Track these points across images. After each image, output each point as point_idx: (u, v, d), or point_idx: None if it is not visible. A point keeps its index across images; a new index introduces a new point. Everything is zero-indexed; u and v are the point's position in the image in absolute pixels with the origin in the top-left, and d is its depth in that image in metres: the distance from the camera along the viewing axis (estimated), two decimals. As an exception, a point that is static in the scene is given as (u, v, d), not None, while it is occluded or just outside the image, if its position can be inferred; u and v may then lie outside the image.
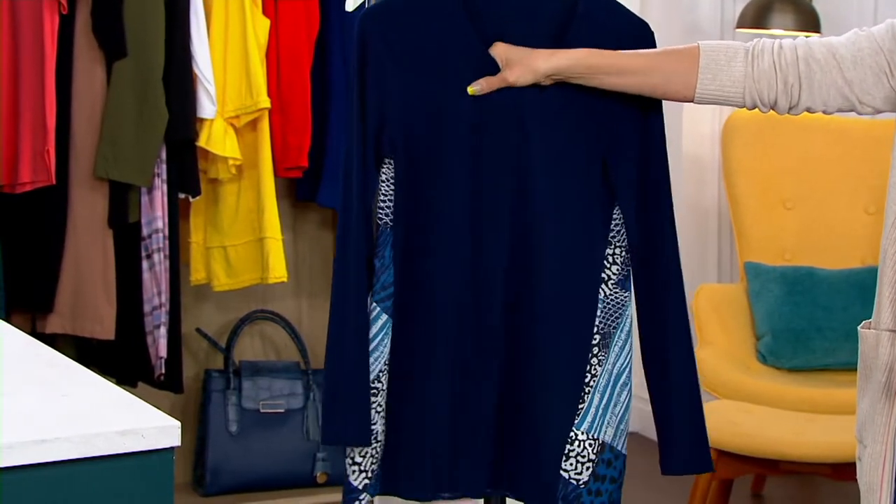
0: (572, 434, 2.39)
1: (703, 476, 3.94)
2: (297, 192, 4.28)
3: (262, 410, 4.21)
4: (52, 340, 3.68)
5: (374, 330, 2.38)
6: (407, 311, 2.38)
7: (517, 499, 2.43)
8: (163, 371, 3.76)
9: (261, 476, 4.20)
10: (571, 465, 2.40)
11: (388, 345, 2.39)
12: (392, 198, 2.36)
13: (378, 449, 2.40)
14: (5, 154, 3.60)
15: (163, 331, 3.74)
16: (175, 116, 3.69)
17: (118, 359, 3.80)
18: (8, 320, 3.61)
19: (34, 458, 1.77)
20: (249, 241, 3.96)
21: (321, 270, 4.47)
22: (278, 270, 3.93)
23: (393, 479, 2.40)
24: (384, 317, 2.38)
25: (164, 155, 3.72)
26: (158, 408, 1.95)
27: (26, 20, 3.61)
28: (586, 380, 2.38)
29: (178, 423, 1.87)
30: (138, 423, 1.86)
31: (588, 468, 2.40)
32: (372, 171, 2.35)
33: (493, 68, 2.34)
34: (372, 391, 2.38)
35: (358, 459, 2.39)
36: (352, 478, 2.40)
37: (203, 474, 4.19)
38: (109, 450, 1.81)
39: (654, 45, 2.40)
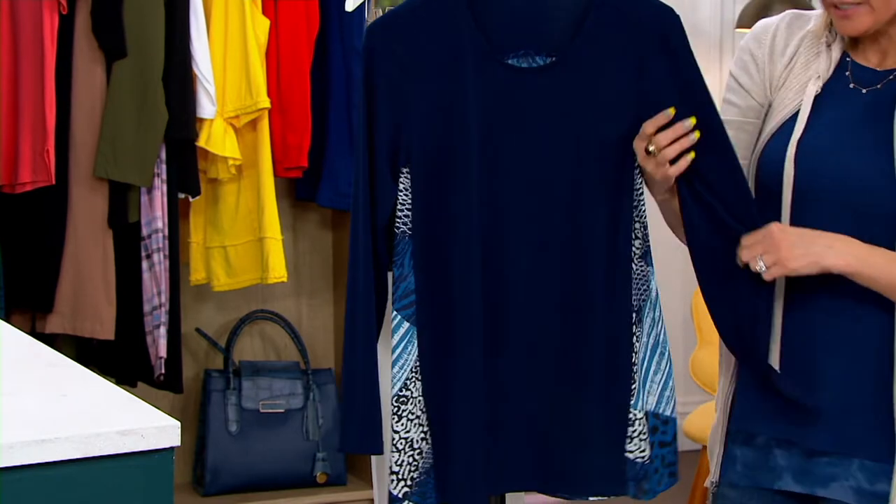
0: (630, 415, 2.39)
1: (702, 476, 3.95)
2: (297, 192, 4.28)
3: (261, 410, 4.21)
4: (52, 340, 3.68)
5: (395, 339, 2.38)
6: (433, 317, 2.37)
7: (575, 493, 2.41)
8: (162, 371, 3.76)
9: (260, 476, 4.20)
10: (636, 445, 2.39)
11: (414, 352, 2.38)
12: (409, 206, 2.37)
13: (416, 456, 2.39)
14: (5, 154, 3.60)
15: (162, 331, 3.74)
16: (175, 116, 3.69)
17: (118, 359, 3.80)
18: (8, 320, 3.61)
19: (34, 458, 1.77)
20: (249, 241, 3.96)
21: (321, 270, 4.47)
22: (278, 270, 3.93)
23: (444, 487, 2.39)
24: (406, 325, 2.37)
25: (163, 155, 3.72)
26: (158, 408, 1.95)
27: (26, 20, 3.61)
28: (633, 359, 2.38)
29: (177, 423, 1.87)
30: (138, 423, 1.86)
31: (648, 444, 2.40)
32: (388, 183, 2.35)
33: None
34: (401, 399, 2.37)
35: (395, 468, 2.38)
36: (390, 486, 2.39)
37: (203, 474, 4.19)
38: (109, 450, 1.81)
39: (681, 32, 2.36)
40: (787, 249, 2.25)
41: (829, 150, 2.31)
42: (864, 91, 2.35)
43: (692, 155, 2.29)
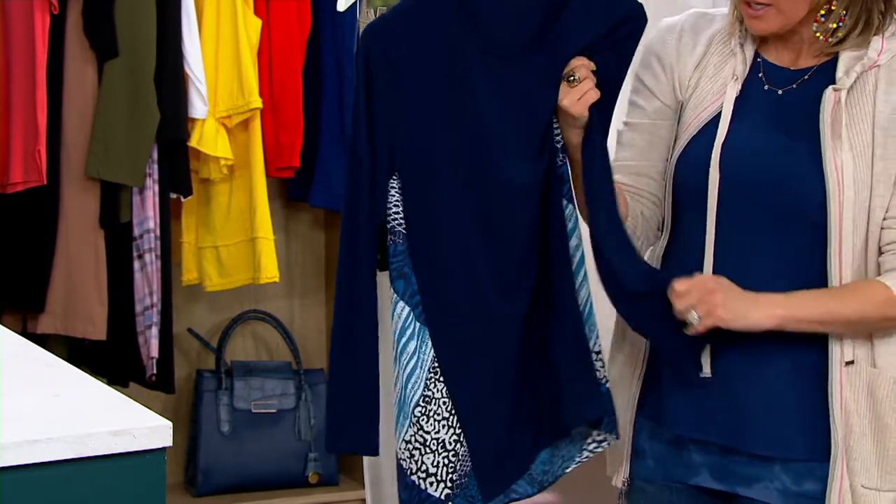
0: (591, 346, 2.40)
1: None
2: (289, 192, 4.28)
3: (253, 410, 4.21)
4: (44, 341, 3.67)
5: (406, 337, 2.38)
6: (439, 316, 2.38)
7: (563, 430, 2.42)
8: (154, 371, 3.76)
9: (253, 476, 4.20)
10: (599, 372, 2.40)
11: (429, 352, 2.39)
12: (402, 207, 2.37)
13: (450, 458, 2.38)
14: (-4, 154, 3.60)
15: (154, 331, 3.74)
16: (166, 116, 3.68)
17: (110, 359, 3.80)
18: (-1, 321, 3.61)
19: (26, 459, 1.77)
20: (241, 241, 3.95)
21: (313, 270, 4.47)
22: (270, 270, 3.93)
23: (489, 484, 2.40)
24: (416, 325, 2.38)
25: (155, 155, 3.71)
26: (150, 408, 1.95)
27: (17, 20, 3.60)
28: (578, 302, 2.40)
29: (169, 424, 1.87)
30: (130, 424, 1.86)
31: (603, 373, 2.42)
32: (385, 185, 2.36)
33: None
34: (425, 398, 2.38)
35: (431, 470, 2.37)
36: (430, 489, 2.38)
37: (195, 474, 4.19)
38: (101, 450, 1.82)
39: (644, 25, 2.36)
40: (720, 306, 2.23)
41: (754, 154, 2.29)
42: (779, 92, 2.34)
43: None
